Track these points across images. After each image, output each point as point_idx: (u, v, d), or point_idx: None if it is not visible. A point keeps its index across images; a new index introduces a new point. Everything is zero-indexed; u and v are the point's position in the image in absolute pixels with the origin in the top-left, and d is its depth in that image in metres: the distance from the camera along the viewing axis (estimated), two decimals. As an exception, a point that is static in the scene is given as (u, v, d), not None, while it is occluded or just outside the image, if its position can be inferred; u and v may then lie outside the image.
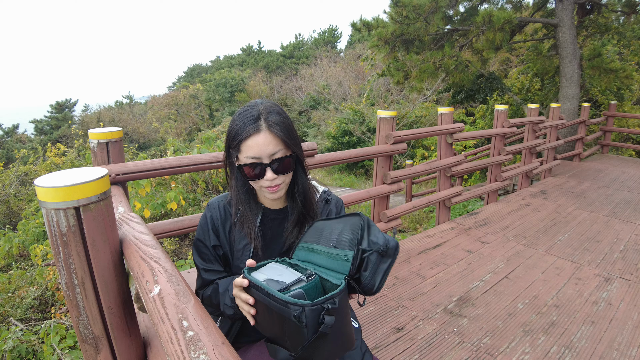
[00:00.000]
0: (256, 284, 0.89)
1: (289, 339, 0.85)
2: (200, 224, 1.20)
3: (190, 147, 7.27)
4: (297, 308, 0.80)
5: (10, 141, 19.92)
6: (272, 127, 1.03)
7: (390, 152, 3.09)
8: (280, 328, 0.85)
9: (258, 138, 1.03)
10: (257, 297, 0.89)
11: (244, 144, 1.04)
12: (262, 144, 1.03)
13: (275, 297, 0.83)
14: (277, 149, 1.04)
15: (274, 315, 0.85)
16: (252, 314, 0.92)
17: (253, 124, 1.03)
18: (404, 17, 7.15)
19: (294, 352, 0.84)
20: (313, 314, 0.80)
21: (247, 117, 1.04)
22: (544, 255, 3.16)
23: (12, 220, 8.20)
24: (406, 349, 1.98)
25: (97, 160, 1.84)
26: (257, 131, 1.03)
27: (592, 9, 8.21)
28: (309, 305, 0.80)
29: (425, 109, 13.23)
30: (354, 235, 0.95)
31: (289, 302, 0.81)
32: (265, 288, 0.86)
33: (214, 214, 1.18)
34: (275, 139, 1.04)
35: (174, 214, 5.95)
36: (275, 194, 1.09)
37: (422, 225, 6.75)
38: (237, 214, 1.15)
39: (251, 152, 1.03)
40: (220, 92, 23.94)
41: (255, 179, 1.07)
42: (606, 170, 6.51)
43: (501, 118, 4.52)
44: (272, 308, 0.85)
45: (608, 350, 2.03)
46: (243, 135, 1.03)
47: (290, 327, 0.82)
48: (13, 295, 3.94)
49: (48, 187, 0.83)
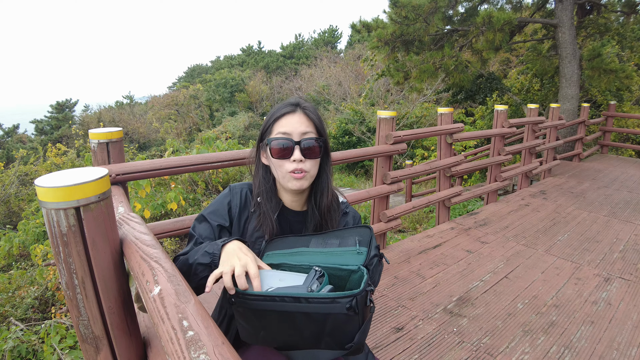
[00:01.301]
0: (280, 294, 0.85)
1: (329, 336, 0.87)
2: (218, 201, 1.16)
3: (190, 148, 7.27)
4: (347, 300, 0.83)
5: (10, 141, 19.92)
6: (307, 110, 1.10)
7: (390, 152, 3.09)
8: (313, 330, 0.87)
9: (292, 117, 1.08)
10: (270, 307, 0.86)
11: (277, 123, 1.08)
12: (295, 122, 1.07)
13: (318, 298, 0.83)
14: (309, 130, 1.08)
15: (296, 321, 0.86)
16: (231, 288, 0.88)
17: (290, 106, 1.10)
18: (404, 17, 7.15)
19: (347, 345, 0.87)
20: (362, 300, 0.85)
21: (285, 104, 1.11)
22: (543, 255, 3.16)
23: (12, 220, 8.20)
24: (406, 348, 1.99)
25: (98, 160, 1.84)
26: (292, 111, 1.09)
27: (591, 9, 8.21)
28: (359, 294, 0.84)
29: (425, 109, 13.23)
30: (363, 237, 1.03)
31: (338, 297, 0.83)
32: (296, 294, 0.84)
33: (234, 199, 1.16)
34: (308, 120, 1.09)
35: (174, 214, 5.95)
36: (299, 181, 1.07)
37: (422, 225, 6.75)
38: (255, 205, 1.14)
39: (283, 128, 1.07)
40: (221, 92, 23.95)
41: (283, 158, 1.07)
42: (606, 170, 6.51)
43: (501, 118, 4.53)
44: (297, 313, 0.85)
45: (608, 350, 2.03)
46: (277, 114, 1.09)
47: (338, 322, 0.84)
48: (13, 295, 3.95)
49: (48, 187, 0.83)
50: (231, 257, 0.91)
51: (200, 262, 0.96)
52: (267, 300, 0.86)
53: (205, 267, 0.95)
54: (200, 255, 0.96)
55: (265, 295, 0.86)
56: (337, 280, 0.97)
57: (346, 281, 0.98)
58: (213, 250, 0.96)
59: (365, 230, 1.06)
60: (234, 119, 19.34)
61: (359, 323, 0.86)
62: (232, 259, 0.90)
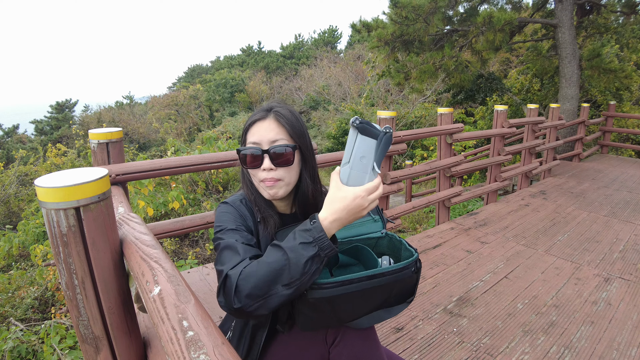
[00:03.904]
0: (356, 276, 0.92)
1: (394, 297, 1.00)
2: (227, 214, 1.06)
3: (191, 148, 7.27)
4: (413, 264, 0.98)
5: (10, 141, 19.91)
6: (278, 116, 1.04)
7: (390, 152, 3.09)
8: (380, 298, 0.98)
9: (262, 124, 1.04)
10: (346, 290, 0.91)
11: (249, 132, 1.05)
12: (264, 129, 1.03)
13: (391, 270, 0.94)
14: (279, 137, 1.02)
15: (369, 295, 0.94)
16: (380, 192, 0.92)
17: (261, 112, 1.06)
18: (404, 18, 7.15)
19: (409, 299, 1.04)
20: (419, 261, 1.02)
21: (258, 110, 1.08)
22: (543, 255, 3.16)
23: (12, 221, 8.20)
24: (406, 348, 1.99)
25: (98, 160, 1.84)
26: (262, 118, 1.04)
27: (591, 9, 8.21)
28: (418, 257, 1.01)
29: (424, 110, 13.23)
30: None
31: (407, 265, 0.97)
32: (371, 273, 0.93)
33: (238, 207, 1.08)
34: (278, 126, 1.03)
35: (175, 213, 5.96)
36: (272, 189, 1.02)
37: (421, 225, 6.75)
38: (258, 214, 1.09)
39: (253, 137, 1.03)
40: (221, 92, 23.94)
41: (253, 168, 1.04)
42: (606, 170, 6.51)
43: (501, 118, 4.53)
44: (372, 288, 0.93)
45: (608, 350, 2.03)
46: (249, 121, 1.06)
47: (404, 283, 0.98)
48: (13, 295, 3.94)
49: (48, 188, 0.83)
50: (350, 208, 0.87)
51: (309, 256, 0.83)
52: (345, 285, 0.91)
53: (315, 259, 0.84)
54: (299, 250, 0.83)
55: (344, 280, 0.91)
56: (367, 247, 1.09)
57: (373, 247, 1.13)
58: (313, 237, 0.84)
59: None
60: (234, 119, 19.33)
61: (417, 279, 1.02)
62: (353, 206, 0.87)
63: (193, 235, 5.87)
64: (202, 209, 6.42)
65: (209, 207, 6.41)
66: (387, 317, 1.05)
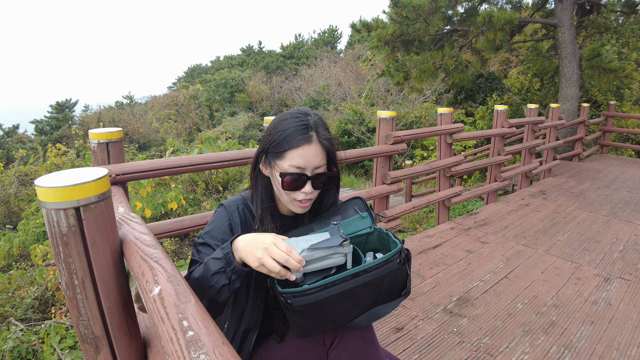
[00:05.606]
0: (340, 277, 0.89)
1: (385, 293, 0.99)
2: (217, 222, 1.09)
3: (191, 148, 7.27)
4: (397, 256, 0.96)
5: (10, 141, 19.92)
6: (323, 140, 1.03)
7: (390, 152, 3.09)
8: (371, 296, 0.96)
9: (308, 149, 1.01)
10: (331, 293, 0.88)
11: (291, 152, 1.00)
12: (310, 156, 1.01)
13: (374, 265, 0.92)
14: (322, 164, 1.04)
15: (357, 293, 0.92)
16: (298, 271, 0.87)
17: (305, 133, 1.01)
18: (404, 17, 7.15)
19: (403, 292, 1.02)
20: (404, 251, 0.99)
21: (298, 125, 1.02)
22: (543, 255, 3.16)
23: (12, 221, 8.20)
24: (406, 348, 1.99)
25: (97, 160, 1.84)
26: (308, 142, 1.01)
27: (591, 9, 8.21)
28: (401, 248, 0.98)
29: (424, 109, 13.23)
30: (359, 205, 1.16)
31: (390, 258, 0.94)
32: (354, 271, 0.90)
33: (233, 218, 1.10)
34: (323, 152, 1.04)
35: (174, 214, 5.96)
36: (304, 208, 1.07)
37: (421, 225, 6.75)
38: (258, 222, 1.10)
39: (297, 161, 1.00)
40: (221, 92, 23.93)
41: (293, 190, 1.03)
42: (605, 170, 6.51)
43: (501, 118, 4.52)
44: (358, 287, 0.91)
45: (608, 350, 2.03)
46: (294, 143, 1.00)
47: (392, 277, 0.96)
48: (13, 295, 3.94)
49: (48, 187, 0.83)
50: (253, 246, 0.88)
51: (215, 270, 0.90)
52: (328, 287, 0.89)
53: (222, 274, 0.90)
54: (211, 265, 0.91)
55: (326, 283, 0.89)
56: (357, 245, 1.07)
57: (364, 244, 1.12)
58: (223, 253, 0.91)
59: (357, 200, 1.18)
60: (234, 119, 19.32)
61: (407, 271, 1.00)
62: (255, 246, 0.87)
63: (193, 235, 5.87)
64: (202, 209, 6.43)
65: (209, 207, 6.41)
66: (385, 313, 1.04)
